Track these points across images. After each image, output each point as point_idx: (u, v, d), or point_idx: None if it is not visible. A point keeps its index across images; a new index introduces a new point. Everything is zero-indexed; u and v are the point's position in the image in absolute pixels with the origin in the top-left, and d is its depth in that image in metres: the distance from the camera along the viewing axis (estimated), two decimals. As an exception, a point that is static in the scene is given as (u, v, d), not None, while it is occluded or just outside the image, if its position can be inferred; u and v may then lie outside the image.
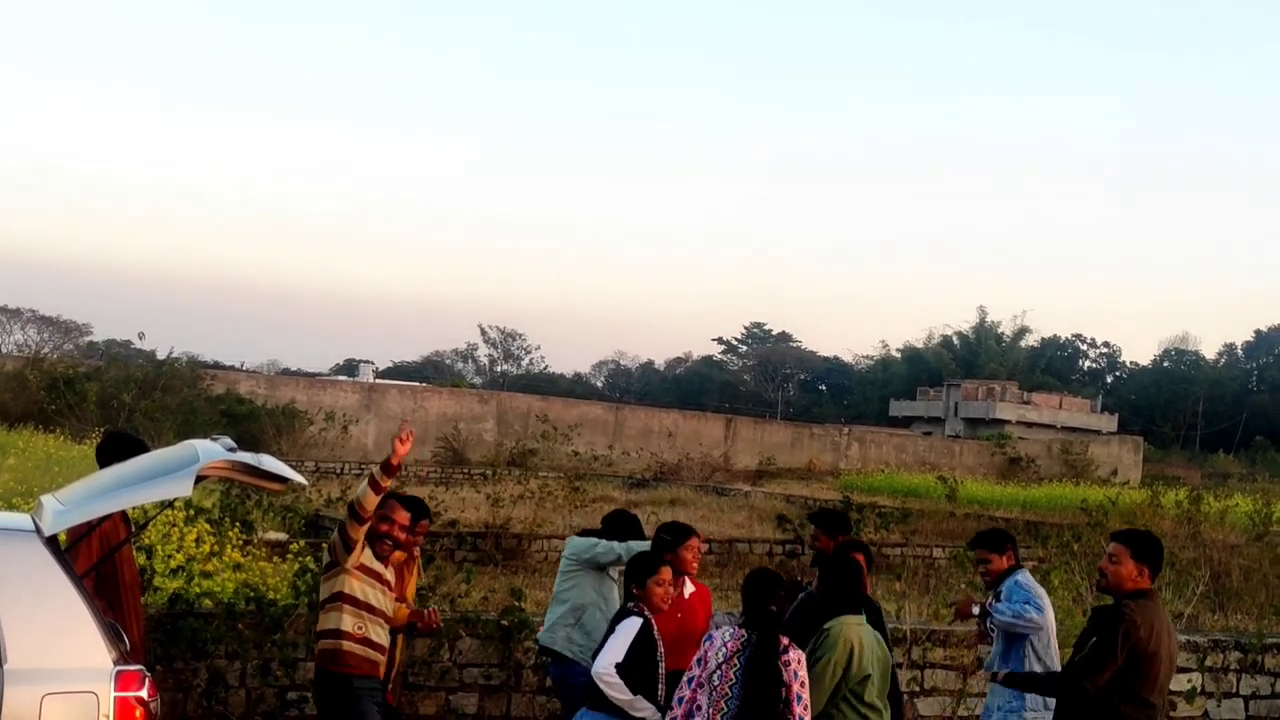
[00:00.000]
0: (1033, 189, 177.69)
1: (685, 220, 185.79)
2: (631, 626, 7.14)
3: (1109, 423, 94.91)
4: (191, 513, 14.20)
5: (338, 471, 40.29)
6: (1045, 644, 8.37)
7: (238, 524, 16.07)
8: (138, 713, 6.01)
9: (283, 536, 19.66)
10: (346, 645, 7.52)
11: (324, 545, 14.34)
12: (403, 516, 7.82)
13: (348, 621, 7.52)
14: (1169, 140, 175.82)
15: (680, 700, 6.69)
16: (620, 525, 8.94)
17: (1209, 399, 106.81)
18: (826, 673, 6.86)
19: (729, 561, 22.17)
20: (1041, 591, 8.58)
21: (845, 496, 28.32)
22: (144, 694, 6.05)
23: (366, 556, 7.63)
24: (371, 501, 7.47)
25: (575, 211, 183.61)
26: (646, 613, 7.25)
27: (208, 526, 14.42)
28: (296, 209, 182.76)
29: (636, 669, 7.02)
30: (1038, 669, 8.18)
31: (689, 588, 8.32)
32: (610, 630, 7.28)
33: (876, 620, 7.89)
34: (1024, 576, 8.53)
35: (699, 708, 6.58)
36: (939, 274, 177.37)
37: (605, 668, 6.98)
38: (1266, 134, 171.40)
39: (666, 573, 7.46)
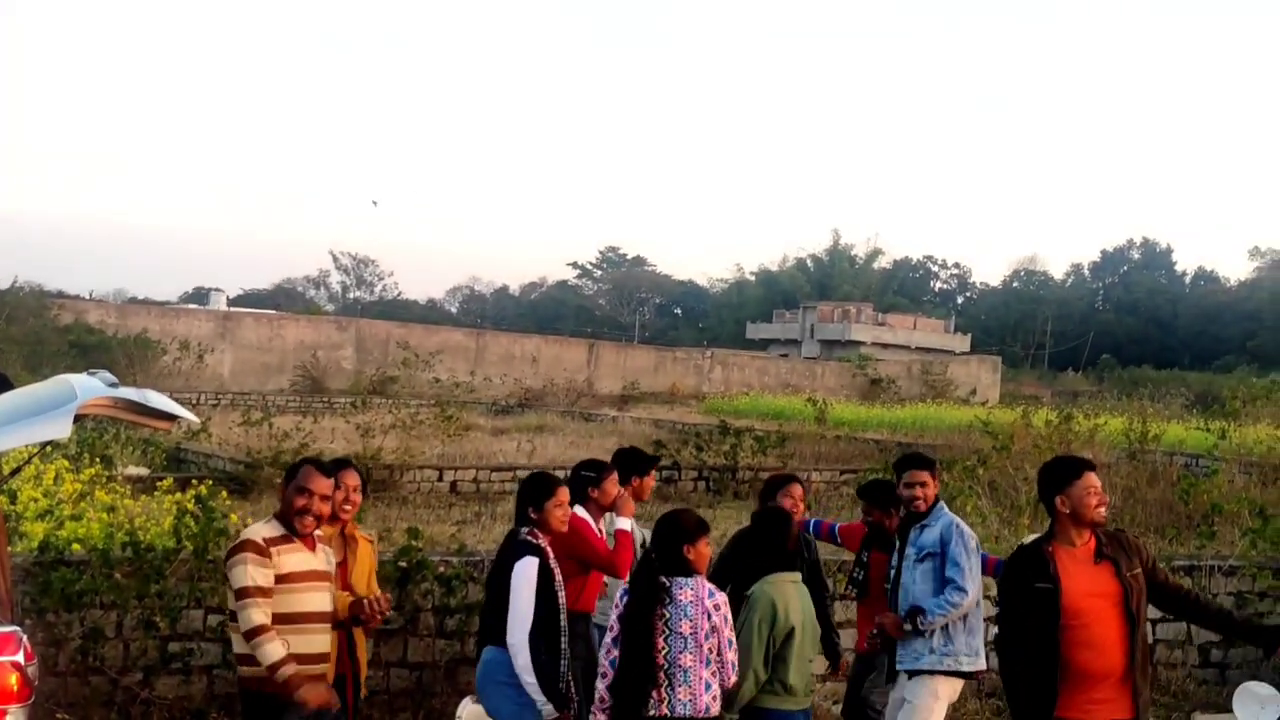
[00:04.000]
0: (883, 107, 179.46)
1: (534, 140, 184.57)
2: (529, 572, 6.67)
3: (962, 343, 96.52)
4: (48, 449, 13.31)
5: (194, 402, 39.22)
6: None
7: (97, 460, 15.26)
8: (13, 679, 5.49)
9: (144, 471, 18.97)
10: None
11: (193, 481, 13.67)
12: (323, 485, 6.49)
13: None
14: (1013, 58, 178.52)
15: (612, 661, 6.38)
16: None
17: (1057, 318, 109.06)
18: (753, 636, 6.54)
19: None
20: (971, 533, 7.68)
21: (722, 421, 28.01)
22: (20, 658, 5.53)
23: (287, 560, 6.37)
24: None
25: (418, 134, 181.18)
26: (542, 542, 6.81)
27: (66, 463, 13.64)
28: (133, 136, 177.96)
29: (538, 609, 6.61)
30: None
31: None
32: (502, 573, 6.74)
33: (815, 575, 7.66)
34: (953, 516, 7.67)
35: None
36: (792, 196, 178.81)
37: (524, 666, 6.55)
38: (1109, 54, 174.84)
39: (564, 493, 7.03)
